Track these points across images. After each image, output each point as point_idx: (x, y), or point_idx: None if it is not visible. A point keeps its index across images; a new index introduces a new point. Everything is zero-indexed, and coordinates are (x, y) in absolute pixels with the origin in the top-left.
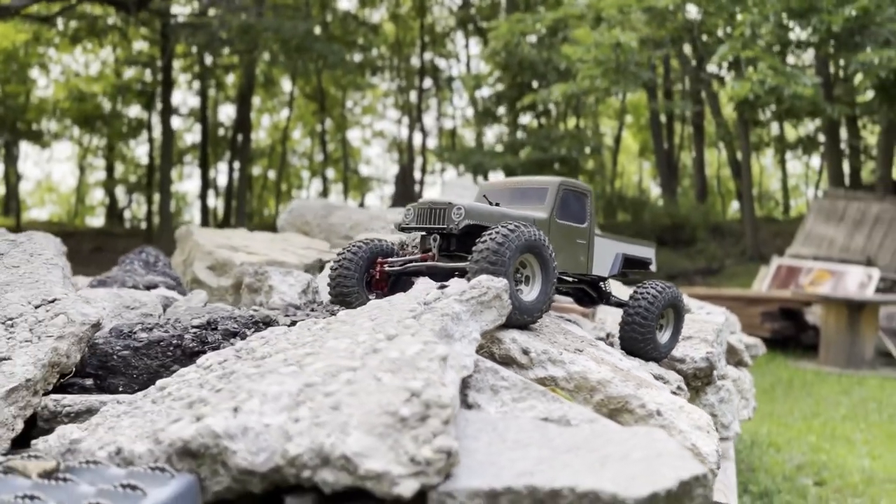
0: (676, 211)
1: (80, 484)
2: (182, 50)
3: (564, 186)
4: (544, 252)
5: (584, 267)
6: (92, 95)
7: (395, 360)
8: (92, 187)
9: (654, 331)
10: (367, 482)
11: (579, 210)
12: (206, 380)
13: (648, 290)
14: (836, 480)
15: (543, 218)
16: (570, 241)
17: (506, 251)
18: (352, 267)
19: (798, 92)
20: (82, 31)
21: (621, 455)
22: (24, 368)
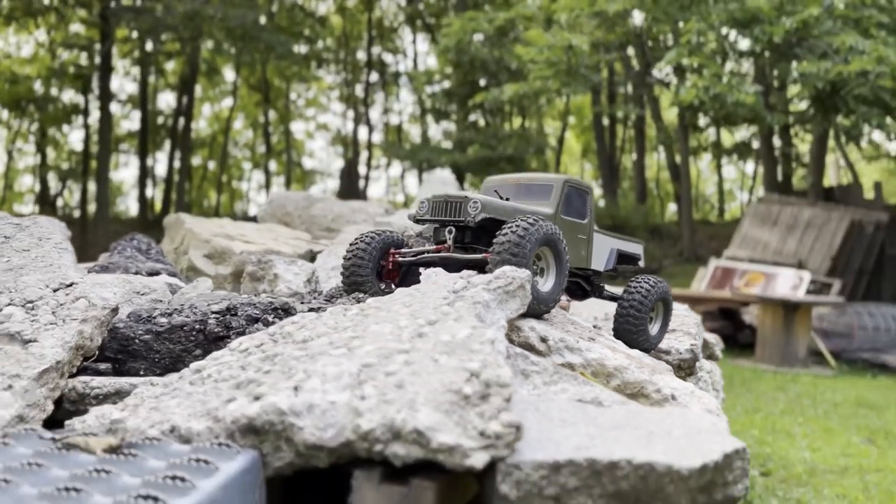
0: (617, 212)
1: (147, 459)
2: (122, 34)
3: (569, 184)
4: (559, 245)
5: (585, 261)
6: (25, 78)
7: (448, 343)
8: (21, 173)
9: (646, 323)
10: (439, 455)
11: (581, 207)
12: (248, 362)
13: (642, 285)
14: (781, 471)
15: (550, 213)
16: (573, 237)
17: (527, 243)
18: (366, 256)
19: (740, 100)
20: (17, 11)
21: (664, 432)
22: (52, 350)
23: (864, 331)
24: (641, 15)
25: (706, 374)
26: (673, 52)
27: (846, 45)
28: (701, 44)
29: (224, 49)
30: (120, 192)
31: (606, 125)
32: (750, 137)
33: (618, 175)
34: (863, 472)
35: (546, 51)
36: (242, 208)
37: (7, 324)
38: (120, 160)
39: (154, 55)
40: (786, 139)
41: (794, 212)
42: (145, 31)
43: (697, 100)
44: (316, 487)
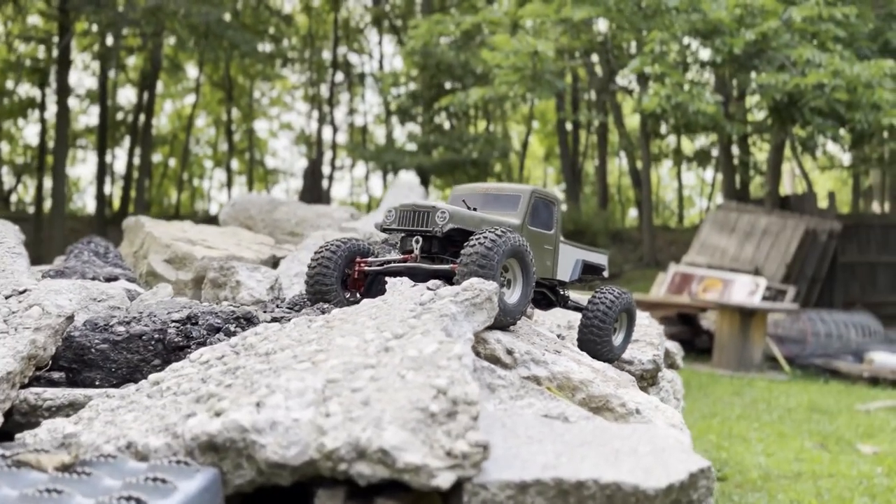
0: (579, 216)
1: (102, 478)
2: (81, 28)
3: (536, 195)
4: (526, 257)
5: (551, 272)
6: None
7: (415, 359)
8: None
9: (610, 334)
10: (404, 475)
11: (547, 217)
12: (209, 375)
13: (606, 296)
14: (737, 476)
15: (517, 224)
16: (539, 247)
17: (494, 255)
18: (330, 265)
19: (701, 109)
20: None
21: (630, 449)
22: (3, 361)
23: (817, 337)
24: (606, 23)
25: (668, 383)
26: (636, 60)
27: (803, 58)
28: (664, 53)
29: (187, 46)
30: (77, 189)
31: (570, 130)
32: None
33: (580, 180)
34: (816, 477)
35: (512, 56)
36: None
37: None
38: (77, 156)
39: (115, 50)
40: (744, 148)
41: (752, 219)
42: (106, 25)
43: (660, 108)
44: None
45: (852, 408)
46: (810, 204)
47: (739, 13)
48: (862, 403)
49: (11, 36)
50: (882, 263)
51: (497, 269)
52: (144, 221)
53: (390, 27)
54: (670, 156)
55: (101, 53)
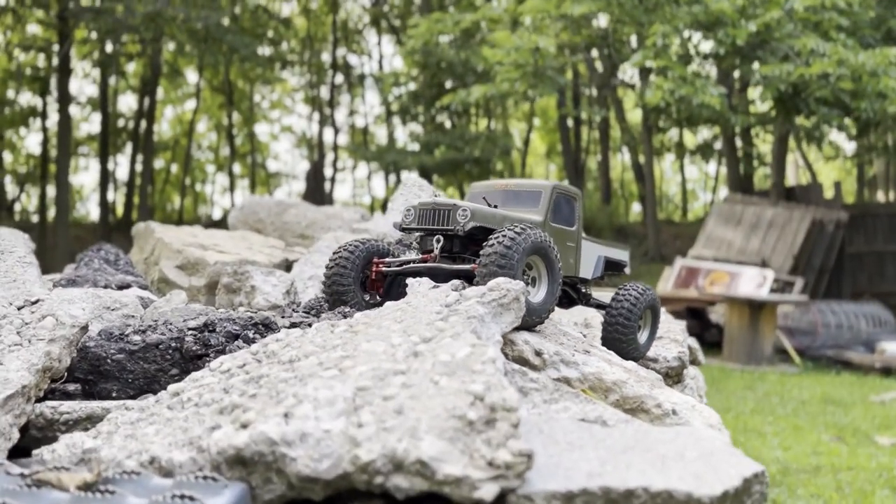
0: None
1: (126, 496)
2: (81, 36)
3: (558, 190)
4: (550, 254)
5: (574, 269)
6: None
7: (448, 364)
8: None
9: (635, 331)
10: (444, 487)
11: (569, 213)
12: (231, 385)
13: (630, 293)
14: None
15: (539, 221)
16: (562, 244)
17: (514, 254)
18: (348, 266)
19: (705, 101)
20: None
21: (676, 454)
22: (18, 374)
23: (828, 328)
24: (607, 17)
25: (691, 380)
26: (638, 54)
27: (807, 48)
28: (666, 46)
29: (186, 51)
30: (80, 197)
31: (571, 127)
32: (712, 138)
33: (583, 176)
34: (835, 470)
35: (513, 53)
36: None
37: None
38: (80, 164)
39: (114, 57)
40: (747, 140)
41: (757, 211)
42: (105, 32)
43: (663, 101)
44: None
45: (867, 399)
46: (816, 194)
47: (741, 4)
48: (876, 394)
49: (11, 45)
50: (889, 253)
51: (518, 268)
52: (155, 227)
53: (389, 27)
54: (673, 150)
55: (101, 60)
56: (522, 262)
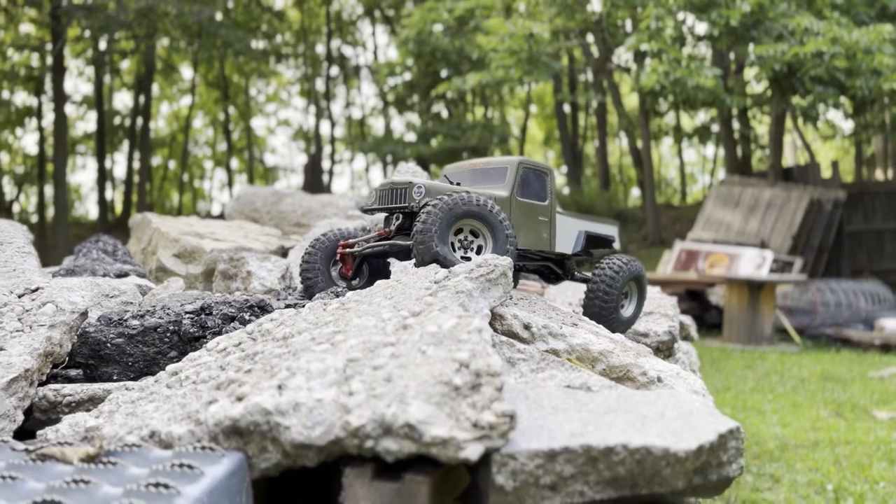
0: (582, 199)
1: (127, 466)
2: (74, 34)
3: (524, 165)
4: (489, 216)
5: (548, 244)
6: None
7: (435, 334)
8: None
9: (616, 303)
10: (432, 448)
11: (540, 188)
12: (228, 362)
13: (611, 264)
14: (754, 447)
15: (504, 196)
16: (531, 219)
17: (430, 227)
18: (316, 259)
19: (700, 83)
20: None
21: (657, 414)
22: (20, 358)
23: (827, 307)
24: (600, 1)
25: (683, 355)
26: (633, 37)
27: (801, 27)
28: (660, 29)
29: (180, 46)
30: (78, 196)
31: (568, 112)
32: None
33: (581, 162)
34: (833, 444)
35: (507, 39)
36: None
37: None
38: (77, 162)
39: (108, 54)
40: (744, 121)
41: (756, 192)
42: (98, 29)
43: (658, 84)
44: (300, 485)
45: (865, 375)
46: (814, 174)
47: None
48: (875, 371)
49: (5, 45)
50: (888, 230)
51: (437, 238)
52: (151, 218)
53: (383, 17)
54: (670, 133)
55: (94, 58)
56: (447, 230)
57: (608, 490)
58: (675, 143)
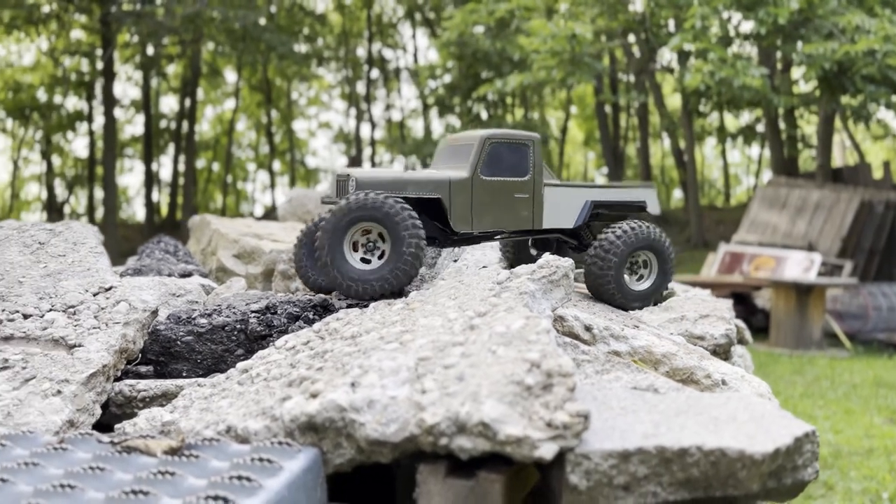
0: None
1: (209, 459)
2: (123, 39)
3: (492, 140)
4: (393, 216)
5: (529, 222)
6: (28, 86)
7: (504, 335)
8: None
9: (617, 274)
10: (506, 447)
11: (518, 162)
12: (298, 360)
13: (615, 229)
14: None
15: (463, 177)
16: (502, 198)
17: (324, 236)
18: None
19: (747, 83)
20: (19, 20)
21: (729, 417)
22: (98, 355)
23: (879, 311)
24: (643, 1)
25: (739, 358)
26: (677, 37)
27: (852, 25)
28: (705, 28)
29: (225, 51)
30: (126, 198)
31: (609, 113)
32: (754, 121)
33: (622, 163)
34: (888, 452)
35: (549, 40)
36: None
37: (51, 329)
38: (125, 165)
39: (156, 59)
40: (791, 121)
41: (803, 194)
42: (146, 35)
43: (703, 84)
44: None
45: None
46: (864, 175)
47: None
48: None
49: (57, 51)
50: None
51: (329, 250)
52: (210, 219)
53: (423, 20)
54: (714, 134)
55: (142, 63)
56: (338, 239)
57: (681, 492)
58: (718, 144)
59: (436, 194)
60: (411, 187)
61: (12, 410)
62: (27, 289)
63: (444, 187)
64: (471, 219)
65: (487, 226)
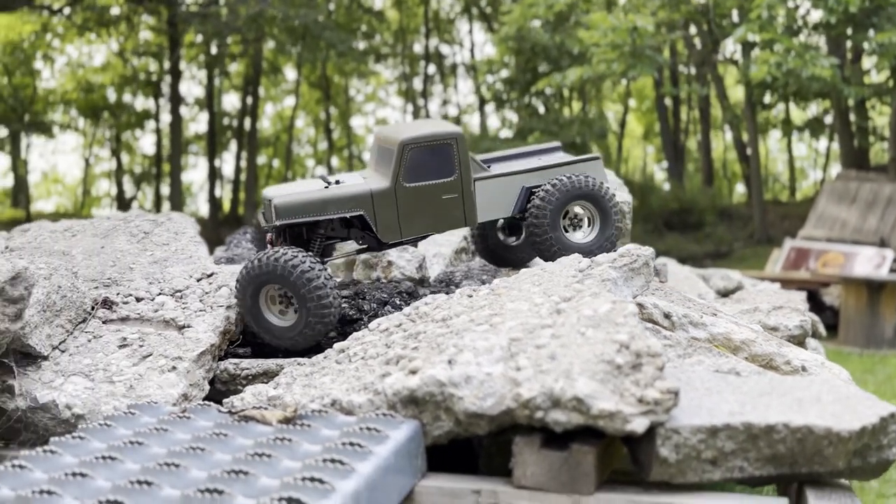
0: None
1: (320, 428)
2: (189, 39)
3: (410, 147)
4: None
5: (461, 220)
6: (99, 86)
7: (591, 318)
8: (98, 178)
9: (551, 226)
10: (599, 421)
11: (442, 163)
12: (392, 341)
13: (550, 182)
14: None
15: (385, 187)
16: (430, 202)
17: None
18: None
19: (816, 74)
20: (91, 22)
21: (813, 398)
22: (206, 335)
23: None
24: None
25: (812, 351)
26: (741, 28)
27: None
28: (771, 18)
29: (286, 49)
30: (190, 193)
31: (669, 106)
32: (822, 113)
33: (682, 157)
34: None
35: (610, 33)
36: None
37: (162, 311)
38: (189, 162)
39: (219, 58)
40: (861, 113)
41: (874, 188)
42: (211, 34)
43: (769, 76)
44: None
45: None
46: None
47: None
48: None
49: (126, 52)
50: None
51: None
52: None
53: (480, 15)
54: (779, 126)
55: (206, 62)
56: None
57: (767, 467)
58: (783, 137)
59: (358, 211)
60: (332, 207)
61: (134, 384)
62: (138, 274)
63: (366, 202)
64: (399, 227)
65: (417, 231)
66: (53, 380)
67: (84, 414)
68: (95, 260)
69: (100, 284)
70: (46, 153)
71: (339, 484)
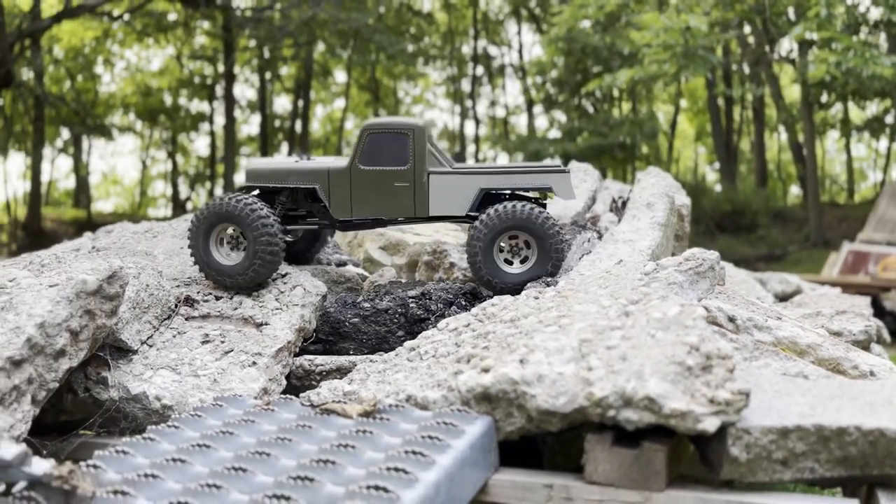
0: (736, 197)
1: (398, 422)
2: (243, 44)
3: (370, 131)
4: (243, 224)
5: (411, 209)
6: (157, 90)
7: (661, 320)
8: (154, 179)
9: (485, 258)
10: (671, 420)
11: (398, 152)
12: (462, 340)
13: (487, 213)
14: None
15: (342, 167)
16: (381, 186)
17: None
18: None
19: (877, 72)
20: (149, 27)
21: (885, 401)
22: (283, 332)
23: None
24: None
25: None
26: (799, 26)
27: None
28: (830, 16)
29: (336, 52)
30: None
31: (722, 106)
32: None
33: (735, 158)
34: None
35: (662, 34)
36: None
37: (240, 309)
38: (242, 163)
39: (272, 61)
40: None
41: None
42: (264, 39)
43: (828, 75)
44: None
45: None
46: None
47: None
48: None
49: (182, 56)
50: None
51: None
52: None
53: (529, 16)
54: (837, 126)
55: (260, 66)
56: (205, 236)
57: (838, 469)
58: (841, 137)
59: (313, 184)
60: (292, 178)
61: (217, 378)
62: None
63: (322, 177)
64: (350, 207)
65: (366, 213)
66: (143, 372)
67: (172, 405)
68: (176, 260)
69: (181, 283)
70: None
71: (421, 475)
